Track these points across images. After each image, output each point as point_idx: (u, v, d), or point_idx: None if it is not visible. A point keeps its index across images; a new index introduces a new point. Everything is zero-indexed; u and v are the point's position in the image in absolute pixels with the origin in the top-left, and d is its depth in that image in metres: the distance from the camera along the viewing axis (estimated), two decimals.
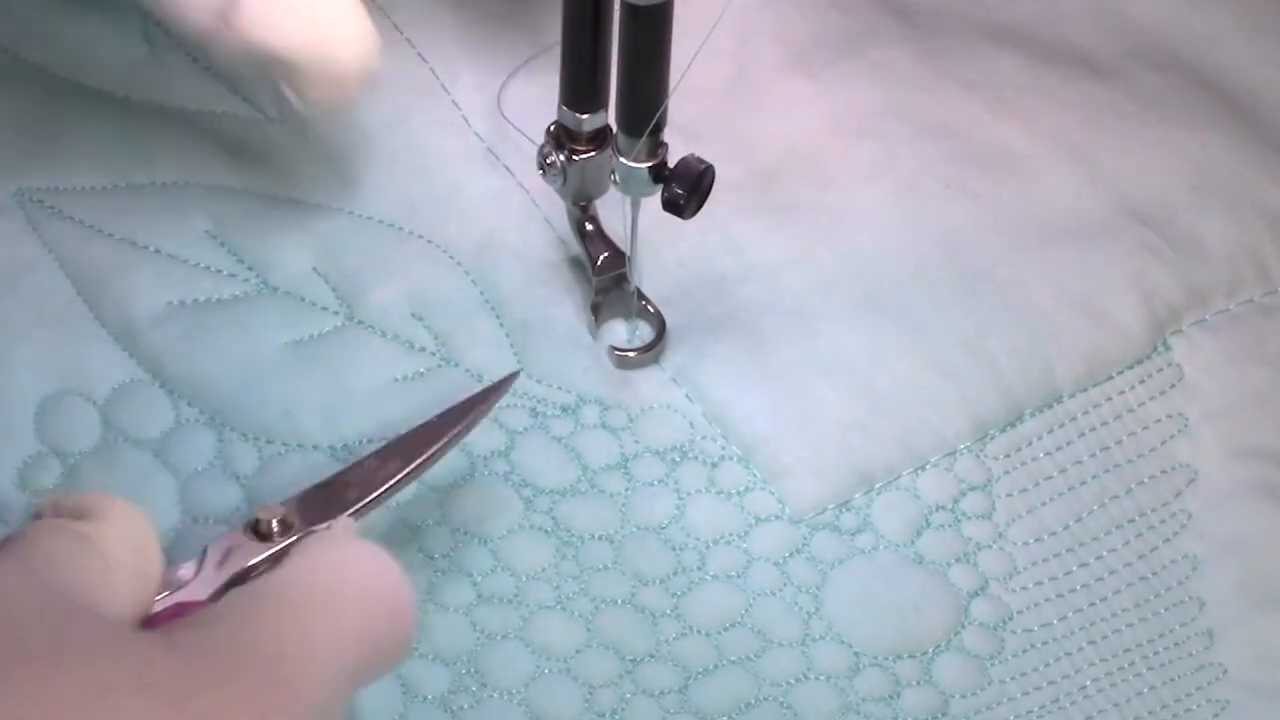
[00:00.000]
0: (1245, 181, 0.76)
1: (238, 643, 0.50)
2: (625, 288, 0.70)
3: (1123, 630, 0.67)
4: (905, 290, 0.72)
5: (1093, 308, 0.72)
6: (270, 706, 0.49)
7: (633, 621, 0.65)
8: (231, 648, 0.50)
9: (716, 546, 0.66)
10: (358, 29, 0.66)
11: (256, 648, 0.50)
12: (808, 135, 0.75)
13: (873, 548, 0.67)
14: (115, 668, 0.48)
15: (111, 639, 0.49)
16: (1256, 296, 0.74)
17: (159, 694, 0.48)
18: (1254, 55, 0.81)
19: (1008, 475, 0.69)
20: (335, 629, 0.52)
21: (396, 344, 0.69)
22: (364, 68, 0.66)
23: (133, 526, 0.54)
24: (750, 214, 0.73)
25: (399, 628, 0.54)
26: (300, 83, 0.65)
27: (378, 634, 0.53)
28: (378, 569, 0.54)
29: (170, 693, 0.48)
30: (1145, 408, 0.71)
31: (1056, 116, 0.77)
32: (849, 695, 0.64)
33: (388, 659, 0.54)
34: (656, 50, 0.63)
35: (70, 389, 0.67)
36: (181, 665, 0.48)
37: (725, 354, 0.70)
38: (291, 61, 0.65)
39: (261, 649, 0.50)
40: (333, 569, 0.54)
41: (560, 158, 0.67)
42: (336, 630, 0.52)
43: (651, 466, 0.67)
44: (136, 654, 0.49)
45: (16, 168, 0.71)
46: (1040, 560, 0.68)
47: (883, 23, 0.80)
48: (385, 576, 0.54)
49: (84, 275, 0.69)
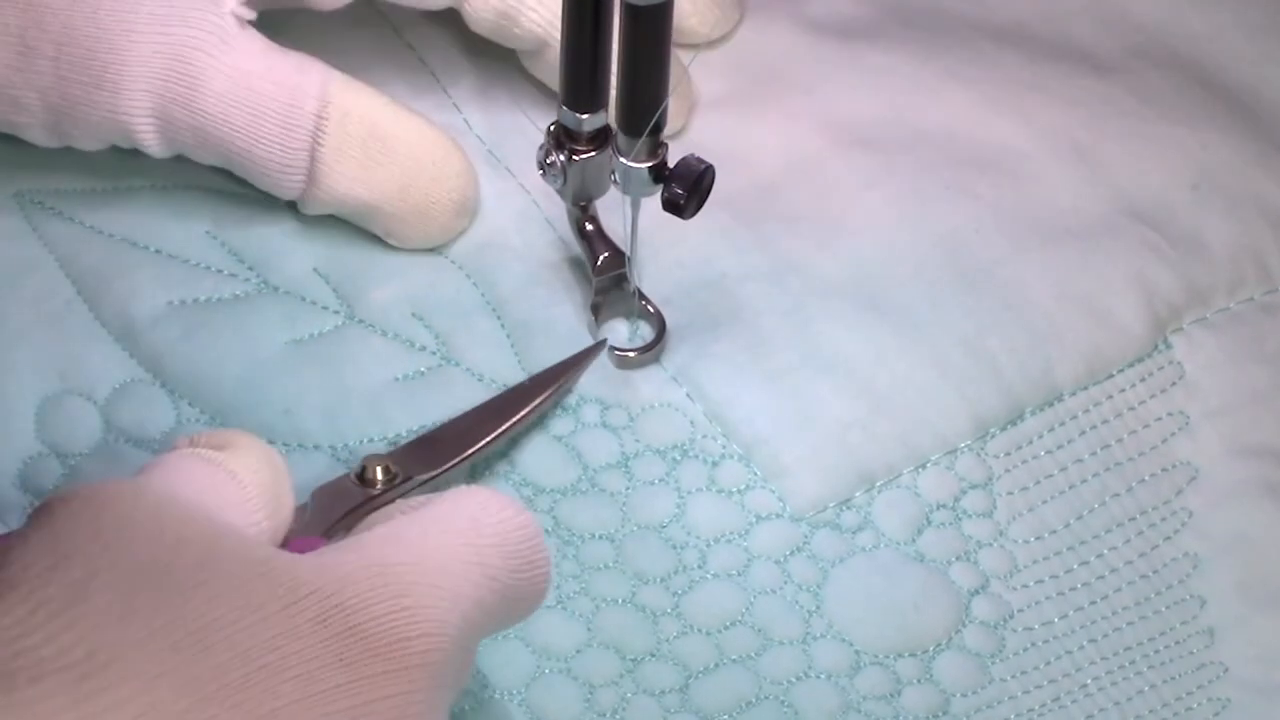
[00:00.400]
0: (1246, 180, 0.76)
1: (381, 566, 0.51)
2: (625, 288, 0.70)
3: (1123, 628, 0.67)
4: (905, 289, 0.72)
5: (1093, 306, 0.72)
6: (411, 631, 0.50)
7: (633, 621, 0.65)
8: (375, 571, 0.51)
9: (717, 545, 0.66)
10: (453, 167, 0.70)
11: (399, 573, 0.51)
12: (807, 141, 0.75)
13: (873, 546, 0.67)
14: (263, 585, 0.48)
15: (258, 558, 0.50)
16: (1257, 295, 0.74)
17: (305, 612, 0.48)
18: (1255, 53, 0.81)
19: (1008, 474, 0.69)
20: (474, 565, 0.53)
21: (397, 343, 0.69)
22: (462, 205, 0.70)
23: (267, 459, 0.55)
24: (750, 216, 0.73)
25: (535, 575, 0.55)
26: (394, 231, 0.69)
27: (514, 578, 0.55)
28: (514, 516, 0.55)
29: (316, 610, 0.49)
30: (1146, 406, 0.71)
31: (1057, 115, 0.77)
32: (850, 694, 0.64)
33: (521, 606, 0.56)
34: (656, 50, 0.63)
35: (71, 389, 0.67)
36: (328, 585, 0.49)
37: (725, 353, 0.70)
38: (385, 211, 0.67)
39: (402, 575, 0.51)
40: (472, 512, 0.55)
41: (560, 158, 0.67)
42: (475, 566, 0.53)
43: (652, 465, 0.67)
44: (284, 572, 0.49)
45: (17, 169, 0.71)
46: (1041, 558, 0.68)
47: (882, 24, 0.80)
48: (521, 523, 0.55)
49: (84, 275, 0.69)
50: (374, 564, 0.51)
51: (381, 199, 0.69)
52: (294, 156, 0.68)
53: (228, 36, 0.67)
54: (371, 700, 0.49)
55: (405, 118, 0.69)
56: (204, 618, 0.47)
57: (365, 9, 0.75)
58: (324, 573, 0.50)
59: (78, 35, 0.66)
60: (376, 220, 0.70)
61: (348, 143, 0.68)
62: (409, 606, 0.51)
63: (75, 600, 0.47)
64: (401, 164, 0.69)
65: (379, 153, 0.68)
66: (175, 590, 0.48)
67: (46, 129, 0.68)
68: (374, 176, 0.68)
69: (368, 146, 0.68)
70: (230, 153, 0.67)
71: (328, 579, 0.50)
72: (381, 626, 0.50)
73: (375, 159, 0.68)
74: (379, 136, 0.68)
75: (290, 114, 0.67)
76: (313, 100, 0.67)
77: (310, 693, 0.48)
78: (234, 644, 0.47)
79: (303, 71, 0.68)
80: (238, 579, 0.49)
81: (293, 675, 0.48)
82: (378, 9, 0.75)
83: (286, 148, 0.67)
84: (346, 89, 0.68)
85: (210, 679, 0.47)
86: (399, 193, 0.69)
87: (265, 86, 0.67)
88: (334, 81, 0.68)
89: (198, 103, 0.66)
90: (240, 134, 0.67)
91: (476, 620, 0.53)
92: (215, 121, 0.67)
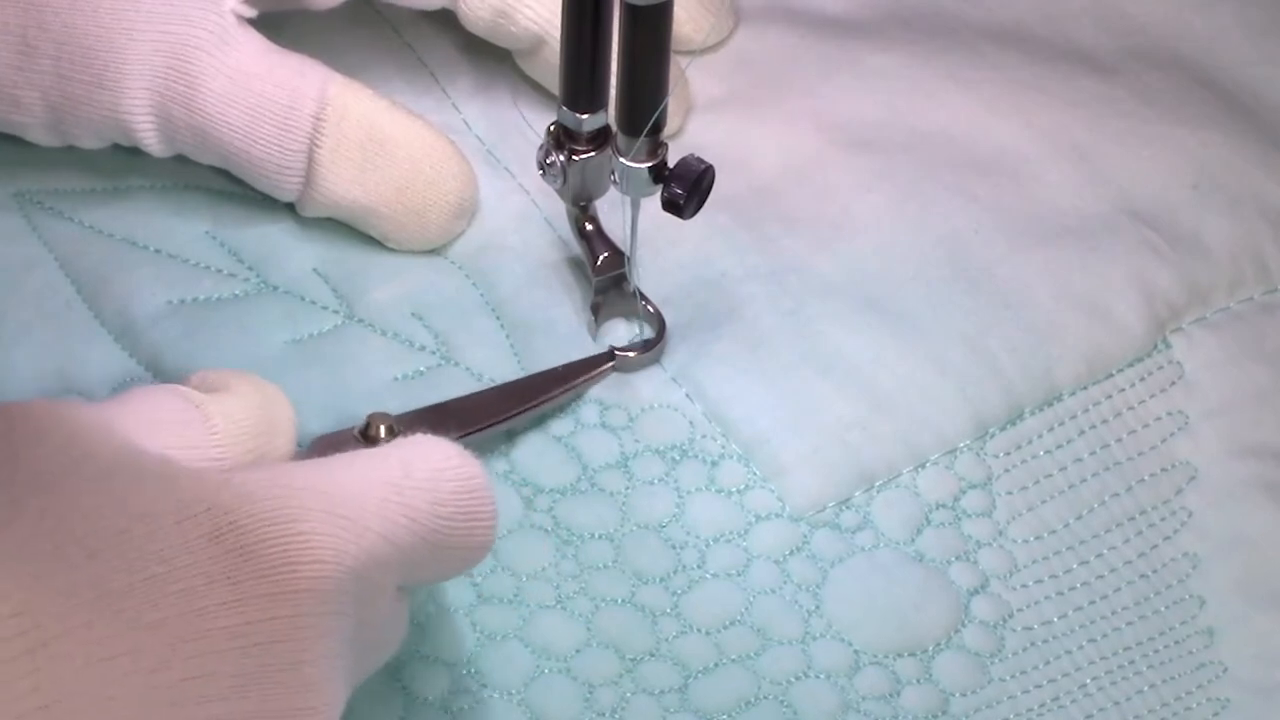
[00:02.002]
0: (1246, 180, 0.76)
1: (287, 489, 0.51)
2: (625, 288, 0.70)
3: (1123, 628, 0.67)
4: (905, 290, 0.72)
5: (1093, 306, 0.72)
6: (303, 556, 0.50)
7: (632, 620, 0.65)
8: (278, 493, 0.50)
9: (716, 545, 0.66)
10: (451, 169, 0.70)
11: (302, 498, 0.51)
12: (807, 141, 0.75)
13: (873, 546, 0.67)
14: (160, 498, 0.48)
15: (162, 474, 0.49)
16: (1257, 294, 0.74)
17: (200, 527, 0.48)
18: (1255, 54, 0.81)
19: (1008, 473, 0.69)
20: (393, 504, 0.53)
21: (396, 343, 0.69)
22: (459, 207, 0.70)
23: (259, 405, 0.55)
24: (750, 216, 0.73)
25: (474, 527, 0.55)
26: (391, 235, 0.70)
27: (443, 525, 0.54)
28: (458, 467, 0.55)
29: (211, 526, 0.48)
30: (1145, 405, 0.71)
31: (1057, 115, 0.77)
32: (849, 693, 0.64)
33: (457, 557, 0.56)
34: (656, 50, 0.63)
35: (71, 388, 0.67)
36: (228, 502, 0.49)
37: (725, 353, 0.70)
38: (382, 213, 0.68)
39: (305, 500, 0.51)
40: (407, 455, 0.55)
41: (560, 158, 0.67)
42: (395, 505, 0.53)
43: (651, 465, 0.68)
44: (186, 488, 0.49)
45: (17, 169, 0.71)
46: (1040, 558, 0.68)
47: (881, 25, 0.80)
48: (464, 474, 0.55)
49: (84, 275, 0.69)
50: (280, 486, 0.51)
51: (378, 201, 0.69)
52: (291, 158, 0.68)
53: (228, 36, 0.67)
54: (253, 620, 0.48)
55: (404, 120, 0.69)
56: (93, 525, 0.47)
57: (364, 8, 0.75)
58: (227, 490, 0.50)
59: (78, 34, 0.66)
60: (373, 223, 0.70)
61: (345, 145, 0.68)
62: (304, 532, 0.50)
63: None
64: (399, 166, 0.69)
65: (376, 155, 0.68)
66: (68, 497, 0.47)
67: (47, 128, 0.68)
68: (371, 179, 0.69)
69: (365, 149, 0.68)
70: (229, 153, 0.68)
71: (229, 496, 0.49)
72: (272, 549, 0.49)
73: (372, 161, 0.68)
74: (377, 139, 0.68)
75: (288, 115, 0.67)
76: (311, 102, 0.68)
77: (193, 607, 0.47)
78: (122, 553, 0.47)
79: (302, 73, 0.68)
80: (135, 491, 0.48)
81: (178, 589, 0.47)
82: (375, 8, 0.75)
83: (284, 149, 0.68)
84: (345, 91, 0.68)
85: (91, 585, 0.46)
86: (396, 195, 0.69)
87: (264, 87, 0.67)
88: (333, 83, 0.68)
89: (197, 102, 0.67)
90: (238, 134, 0.67)
91: (386, 558, 0.52)
92: (214, 121, 0.67)
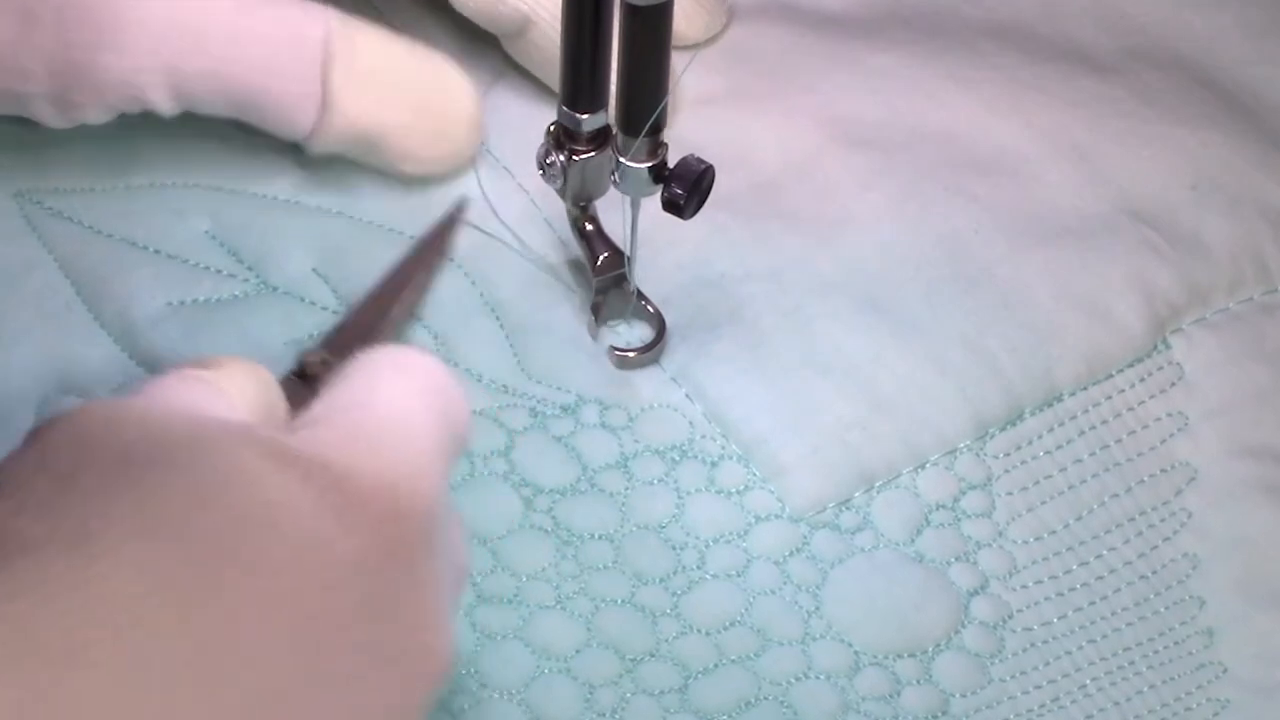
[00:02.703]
0: (1246, 180, 0.76)
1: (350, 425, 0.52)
2: (625, 288, 0.70)
3: (1123, 629, 0.67)
4: (905, 289, 0.72)
5: (1093, 306, 0.72)
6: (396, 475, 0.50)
7: (632, 621, 0.65)
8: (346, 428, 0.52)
9: (716, 545, 0.66)
10: (460, 84, 0.71)
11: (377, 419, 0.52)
12: (807, 141, 0.75)
13: (873, 546, 0.67)
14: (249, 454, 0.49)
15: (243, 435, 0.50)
16: (1257, 295, 0.74)
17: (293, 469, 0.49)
18: (1255, 54, 0.81)
19: (1008, 474, 0.69)
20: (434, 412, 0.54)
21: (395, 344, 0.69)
22: (474, 119, 0.71)
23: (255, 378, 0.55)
24: (750, 216, 0.73)
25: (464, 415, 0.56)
26: (411, 154, 0.70)
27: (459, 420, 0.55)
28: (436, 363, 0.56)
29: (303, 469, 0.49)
30: (1145, 406, 0.71)
31: (1057, 115, 0.77)
32: (849, 694, 0.64)
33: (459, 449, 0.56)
34: (656, 50, 0.63)
35: (70, 389, 0.67)
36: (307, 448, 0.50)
37: (725, 353, 0.70)
38: (398, 137, 0.69)
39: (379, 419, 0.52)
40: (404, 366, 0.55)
41: (560, 158, 0.67)
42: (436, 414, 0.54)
43: (651, 466, 0.68)
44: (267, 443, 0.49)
45: (16, 169, 0.71)
46: (1040, 559, 0.68)
47: (881, 23, 0.80)
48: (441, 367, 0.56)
49: (83, 276, 0.69)
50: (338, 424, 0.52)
51: (398, 120, 0.69)
52: (308, 85, 0.68)
53: None
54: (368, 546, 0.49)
55: (407, 43, 0.70)
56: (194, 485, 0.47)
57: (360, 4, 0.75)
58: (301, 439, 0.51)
59: None
60: (391, 145, 0.70)
61: (359, 69, 0.69)
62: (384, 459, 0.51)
63: (63, 489, 0.47)
64: (414, 84, 0.70)
65: (390, 75, 0.69)
66: (161, 466, 0.48)
67: (54, 102, 0.67)
68: (389, 97, 0.69)
69: (378, 72, 0.69)
70: (245, 91, 0.68)
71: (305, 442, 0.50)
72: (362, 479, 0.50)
73: (387, 82, 0.69)
74: (388, 62, 0.69)
75: (300, 45, 0.68)
76: (319, 30, 0.68)
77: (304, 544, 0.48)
78: (227, 507, 0.47)
79: (303, 8, 0.69)
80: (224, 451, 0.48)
81: (287, 530, 0.48)
82: (374, 6, 0.75)
83: (300, 78, 0.68)
84: (348, 21, 0.69)
85: (205, 538, 0.46)
86: (415, 112, 0.70)
87: (268, 26, 0.68)
88: (334, 16, 0.69)
89: (207, 47, 0.67)
90: (254, 70, 0.67)
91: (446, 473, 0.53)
92: (226, 61, 0.67)
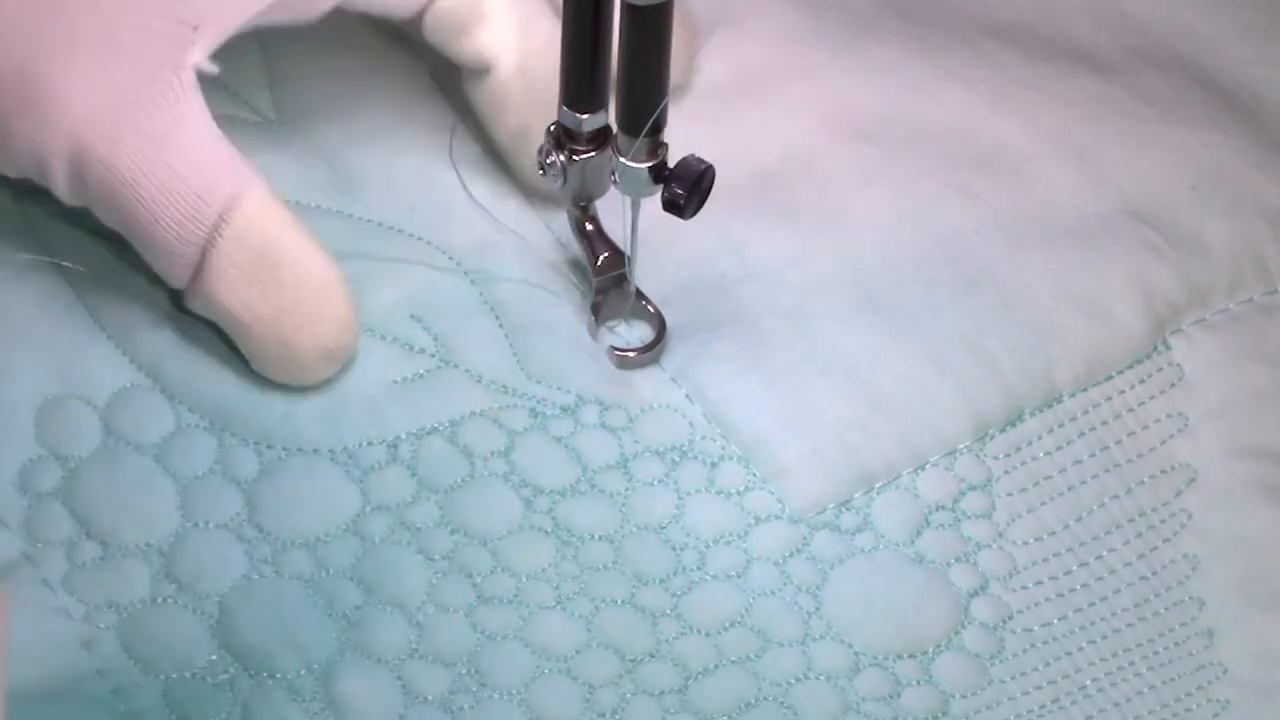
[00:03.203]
0: (1246, 180, 0.76)
1: None
2: (625, 288, 0.70)
3: (1123, 630, 0.67)
4: (905, 289, 0.72)
5: (1093, 306, 0.72)
6: None
7: (633, 621, 0.65)
8: None
9: (716, 546, 0.66)
10: (333, 312, 0.67)
11: None
12: (806, 139, 0.75)
13: (873, 547, 0.67)
14: None
15: None
16: (1257, 295, 0.74)
17: None
18: (1255, 53, 0.81)
19: (1008, 475, 0.69)
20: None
21: (395, 346, 0.69)
22: (330, 353, 0.67)
23: None
24: (749, 215, 0.73)
25: None
26: (259, 353, 0.67)
27: None
28: None
29: None
30: (1145, 407, 0.71)
31: (1057, 114, 0.77)
32: (849, 695, 0.64)
33: None
34: (656, 50, 0.63)
35: (70, 393, 0.67)
36: None
37: (725, 354, 0.70)
38: (254, 333, 0.66)
39: None
40: None
41: (560, 158, 0.67)
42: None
43: (651, 466, 0.68)
44: None
45: None
46: (1040, 560, 0.68)
47: (883, 20, 0.80)
48: None
49: (84, 278, 0.69)
50: None
51: (253, 320, 0.66)
52: (188, 249, 0.65)
53: (174, 99, 0.65)
54: None
55: (306, 249, 0.66)
56: None
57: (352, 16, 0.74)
58: None
59: (15, 54, 0.64)
60: (243, 340, 0.67)
61: (240, 253, 0.65)
62: None
63: None
64: (283, 293, 0.66)
65: (265, 273, 0.66)
66: None
67: None
68: (253, 294, 0.66)
69: (258, 263, 0.66)
70: (131, 223, 0.65)
71: None
72: None
73: (260, 278, 0.66)
74: (271, 257, 0.66)
75: (196, 206, 0.65)
76: (222, 198, 0.65)
77: None
78: None
79: (224, 167, 0.65)
80: None
81: None
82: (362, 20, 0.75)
83: (183, 238, 0.65)
84: (260, 202, 0.66)
85: None
86: (271, 319, 0.66)
87: (184, 168, 0.64)
88: (253, 190, 0.66)
89: (115, 161, 0.64)
90: (144, 207, 0.65)
91: None
92: (125, 186, 0.64)
